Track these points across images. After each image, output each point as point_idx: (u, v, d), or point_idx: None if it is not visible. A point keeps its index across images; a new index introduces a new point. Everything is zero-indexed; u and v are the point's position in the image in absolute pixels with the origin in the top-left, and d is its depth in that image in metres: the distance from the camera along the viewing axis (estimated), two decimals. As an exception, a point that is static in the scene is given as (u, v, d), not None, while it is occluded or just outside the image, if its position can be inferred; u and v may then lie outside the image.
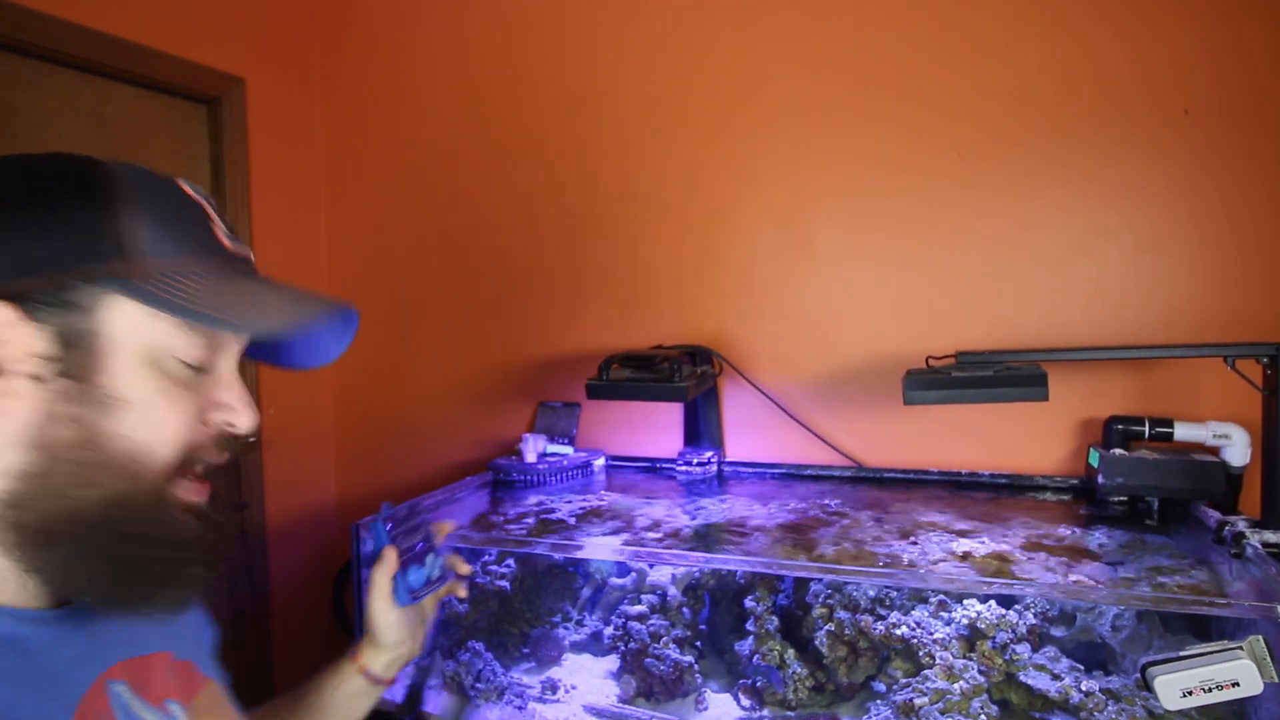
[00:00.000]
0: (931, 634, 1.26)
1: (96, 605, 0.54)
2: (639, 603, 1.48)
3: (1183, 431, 1.39)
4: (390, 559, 0.83)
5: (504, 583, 1.54)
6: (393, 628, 0.84)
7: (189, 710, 0.62)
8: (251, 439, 0.60)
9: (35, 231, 0.49)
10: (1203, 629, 1.21)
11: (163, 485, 0.54)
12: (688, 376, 1.55)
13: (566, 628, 1.58)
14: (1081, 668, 1.22)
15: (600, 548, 1.29)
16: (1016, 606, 1.28)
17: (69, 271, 0.49)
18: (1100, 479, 1.38)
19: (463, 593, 0.95)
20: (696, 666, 1.40)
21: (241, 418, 0.58)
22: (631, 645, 1.42)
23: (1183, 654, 0.93)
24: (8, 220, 0.49)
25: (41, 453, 0.50)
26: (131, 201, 0.52)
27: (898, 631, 1.27)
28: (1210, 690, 0.90)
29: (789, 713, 1.31)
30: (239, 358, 0.61)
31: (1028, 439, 1.62)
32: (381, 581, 0.83)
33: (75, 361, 0.50)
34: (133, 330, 0.52)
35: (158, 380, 0.53)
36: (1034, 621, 1.26)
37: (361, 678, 0.85)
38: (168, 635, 0.65)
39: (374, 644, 0.85)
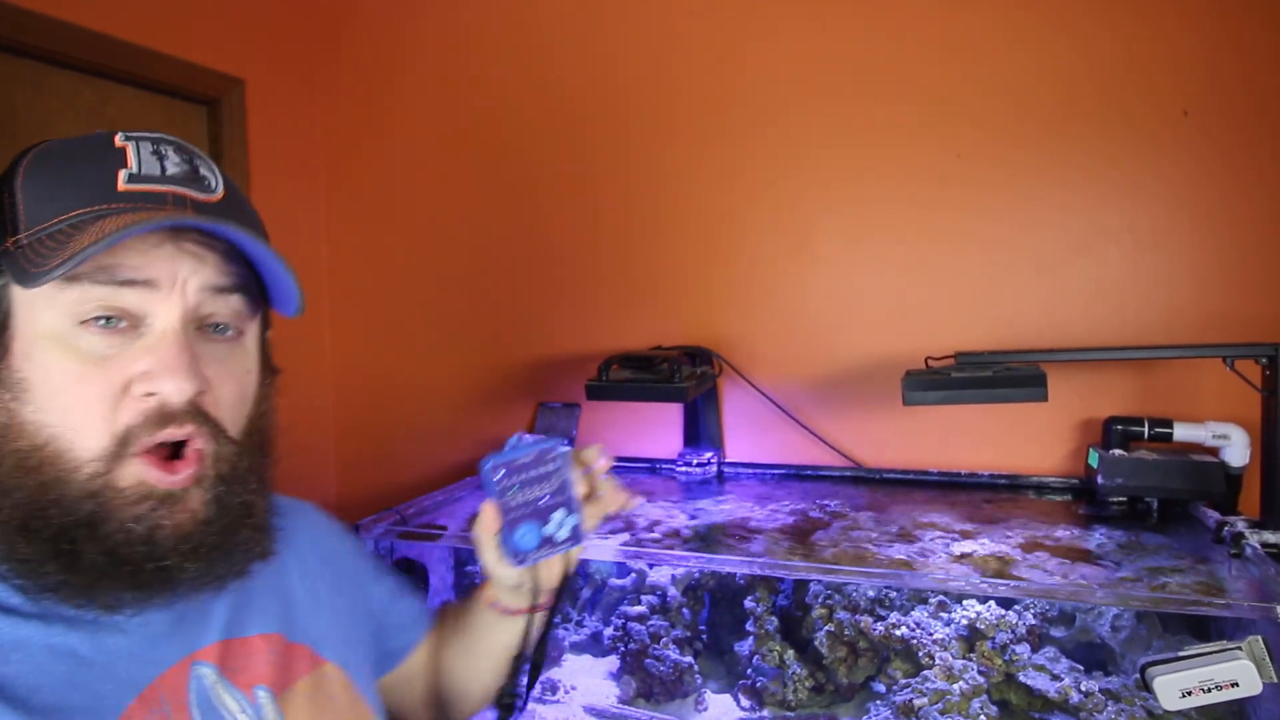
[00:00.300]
0: (931, 634, 1.26)
1: (67, 604, 0.51)
2: (639, 603, 1.48)
3: (1182, 432, 1.39)
4: (486, 517, 0.69)
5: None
6: (509, 576, 0.72)
7: (283, 697, 0.60)
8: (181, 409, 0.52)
9: None
10: (1202, 629, 1.21)
11: (101, 471, 0.50)
12: (687, 377, 1.55)
13: (566, 628, 1.58)
14: (1081, 668, 1.23)
15: (600, 548, 1.29)
16: (1016, 607, 1.28)
17: None
18: (1100, 479, 1.38)
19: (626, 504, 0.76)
20: (696, 667, 1.40)
21: (161, 383, 0.50)
22: (631, 646, 1.42)
23: (1182, 654, 0.93)
24: None
25: None
26: (29, 174, 0.51)
27: (897, 632, 1.27)
28: (1209, 690, 0.90)
29: (789, 713, 1.31)
30: (188, 315, 0.53)
31: (1027, 439, 1.62)
32: (483, 539, 0.70)
33: None
34: (30, 305, 0.50)
35: (57, 356, 0.49)
36: (1033, 622, 1.26)
37: (491, 610, 0.76)
38: (280, 616, 0.64)
39: (495, 584, 0.75)
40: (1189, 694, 0.90)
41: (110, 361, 0.50)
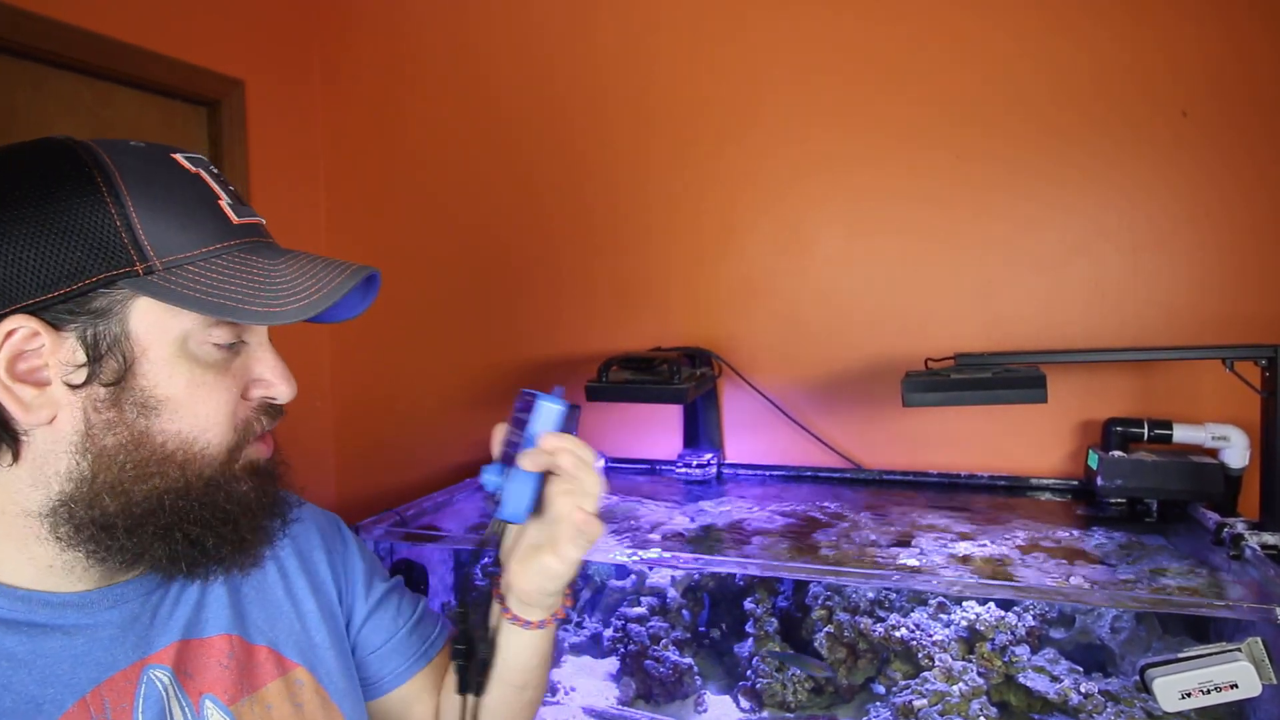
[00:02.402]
0: (931, 636, 1.26)
1: (155, 574, 0.57)
2: (638, 605, 1.48)
3: (1181, 433, 1.39)
4: (494, 438, 0.65)
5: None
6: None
7: (241, 705, 0.60)
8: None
9: (49, 242, 0.49)
10: (1201, 631, 1.21)
11: (224, 465, 0.56)
12: (687, 378, 1.55)
13: (566, 630, 1.58)
14: (1080, 669, 1.23)
15: (600, 549, 1.29)
16: (1015, 608, 1.28)
17: (89, 279, 0.49)
18: (1099, 481, 1.38)
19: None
20: (696, 669, 1.40)
21: (279, 389, 0.59)
22: (631, 647, 1.42)
23: (1181, 656, 0.93)
24: (19, 233, 0.49)
25: (91, 458, 0.51)
26: (139, 195, 0.52)
27: (897, 633, 1.27)
28: (1209, 692, 0.90)
29: (788, 714, 1.31)
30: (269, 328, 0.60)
31: (1026, 441, 1.62)
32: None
33: (108, 367, 0.51)
34: (159, 328, 0.52)
35: (191, 372, 0.53)
36: (1033, 623, 1.26)
37: (498, 609, 0.70)
38: (239, 615, 0.63)
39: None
40: (1188, 695, 0.90)
41: (228, 370, 0.56)
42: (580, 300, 1.98)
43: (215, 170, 0.58)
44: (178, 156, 0.55)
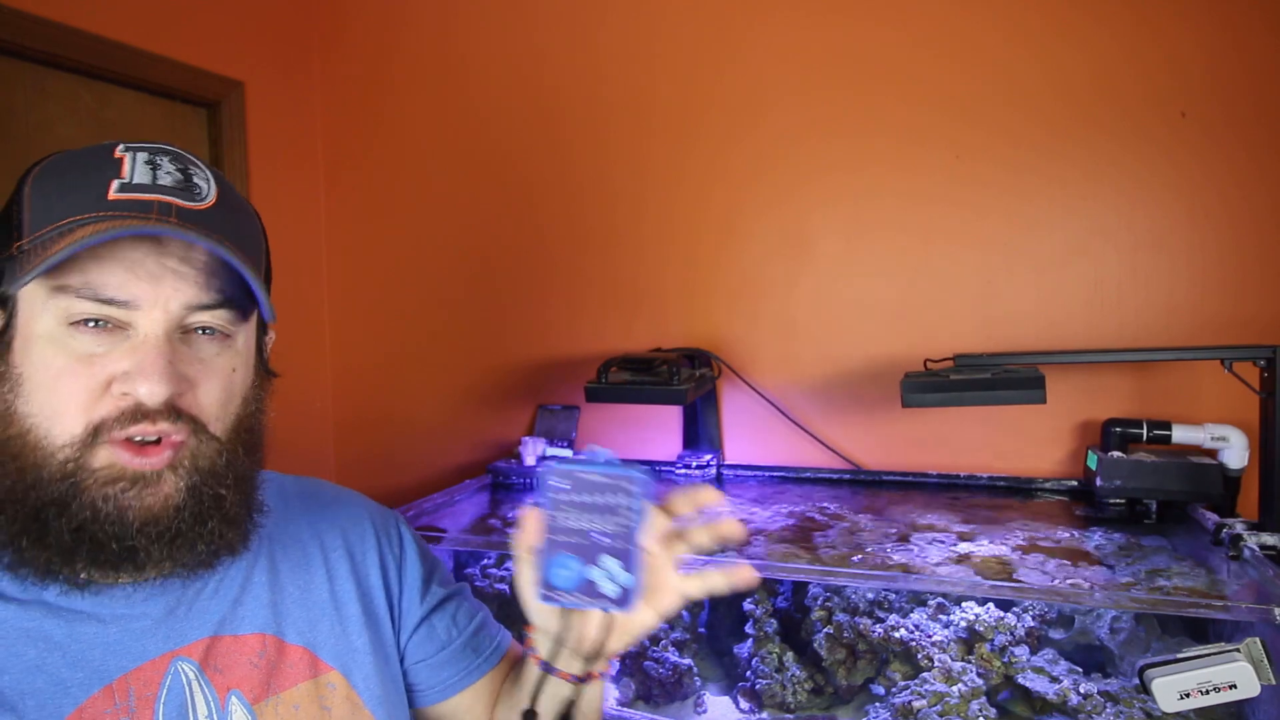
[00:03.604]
0: (930, 636, 1.26)
1: (38, 580, 0.54)
2: (638, 605, 1.48)
3: (1180, 434, 1.39)
4: (528, 528, 0.57)
5: (504, 586, 1.54)
6: (541, 612, 0.60)
7: (264, 704, 0.59)
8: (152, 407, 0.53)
9: None
10: (1200, 631, 1.21)
11: (75, 456, 0.52)
12: (686, 379, 1.55)
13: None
14: (1080, 670, 1.23)
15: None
16: (1015, 609, 1.28)
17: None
18: (1098, 481, 1.38)
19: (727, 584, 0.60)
20: (695, 669, 1.40)
21: (137, 385, 0.53)
22: (630, 648, 1.42)
23: (1180, 656, 0.93)
24: None
25: None
26: (35, 184, 0.54)
27: (896, 634, 1.27)
28: (1208, 692, 0.90)
29: (788, 715, 1.31)
30: (172, 327, 0.55)
31: (1026, 441, 1.62)
32: (520, 554, 0.58)
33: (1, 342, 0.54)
34: (30, 308, 0.53)
35: (58, 357, 0.53)
36: (1032, 624, 1.26)
37: (533, 663, 0.63)
38: (279, 615, 0.63)
39: (529, 618, 0.62)
40: (1187, 696, 0.90)
41: (97, 360, 0.53)
42: (580, 301, 1.98)
43: (170, 160, 0.57)
44: (119, 146, 0.56)
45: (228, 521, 0.58)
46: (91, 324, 0.53)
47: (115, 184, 0.54)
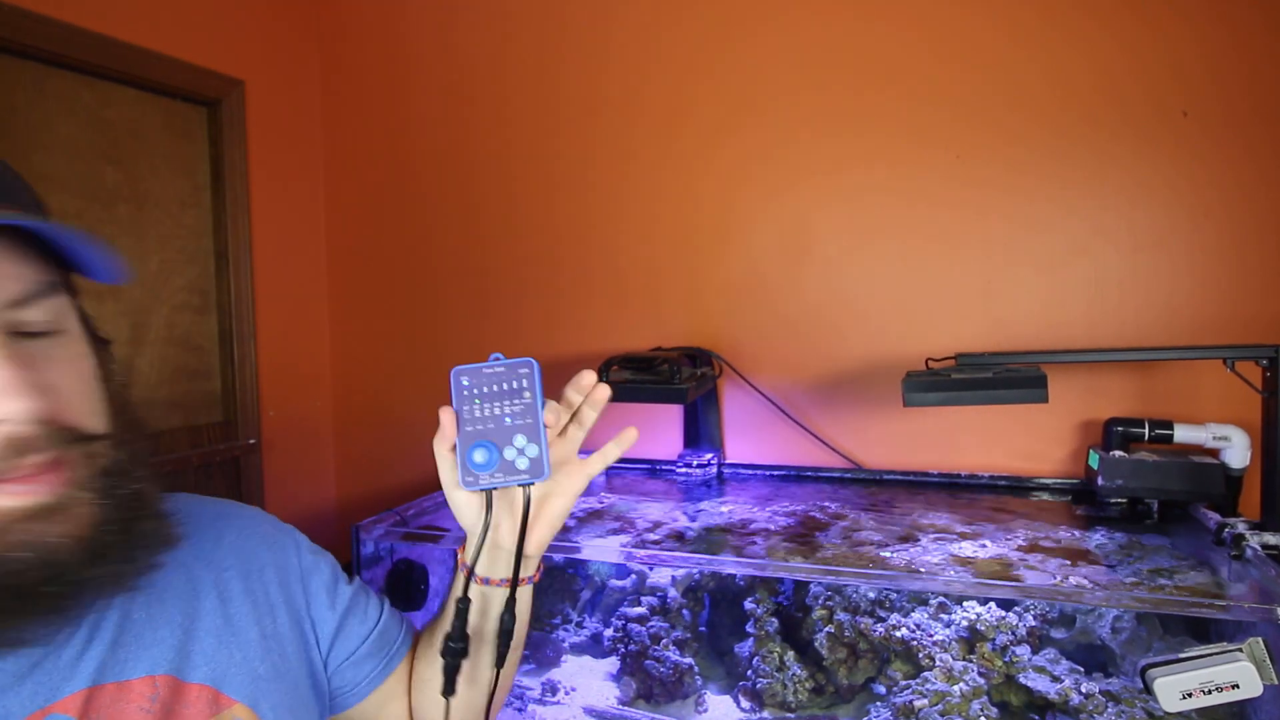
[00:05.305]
0: (931, 636, 1.26)
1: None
2: (639, 604, 1.48)
3: (1182, 433, 1.39)
4: (445, 425, 0.64)
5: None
6: (464, 509, 0.67)
7: None
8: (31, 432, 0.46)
9: None
10: (1202, 631, 1.21)
11: None
12: (687, 378, 1.55)
13: (566, 629, 1.58)
14: (1081, 669, 1.22)
15: (600, 549, 1.29)
16: (1016, 608, 1.28)
17: None
18: (1100, 481, 1.38)
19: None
20: (696, 668, 1.40)
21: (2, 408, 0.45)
22: (631, 647, 1.42)
23: (1182, 656, 0.93)
24: None
25: None
26: None
27: (897, 633, 1.27)
28: (1210, 692, 0.90)
29: (788, 714, 1.31)
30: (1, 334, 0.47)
31: (1027, 441, 1.62)
32: (441, 452, 0.65)
33: None
34: None
35: None
36: (1034, 623, 1.26)
37: (463, 573, 0.68)
38: (176, 651, 0.57)
39: (458, 514, 0.68)
40: (1189, 695, 0.90)
41: None
42: (580, 300, 1.98)
43: None
44: None
45: (157, 515, 0.54)
46: None
47: None
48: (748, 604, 1.42)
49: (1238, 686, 0.89)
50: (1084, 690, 1.16)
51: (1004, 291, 1.63)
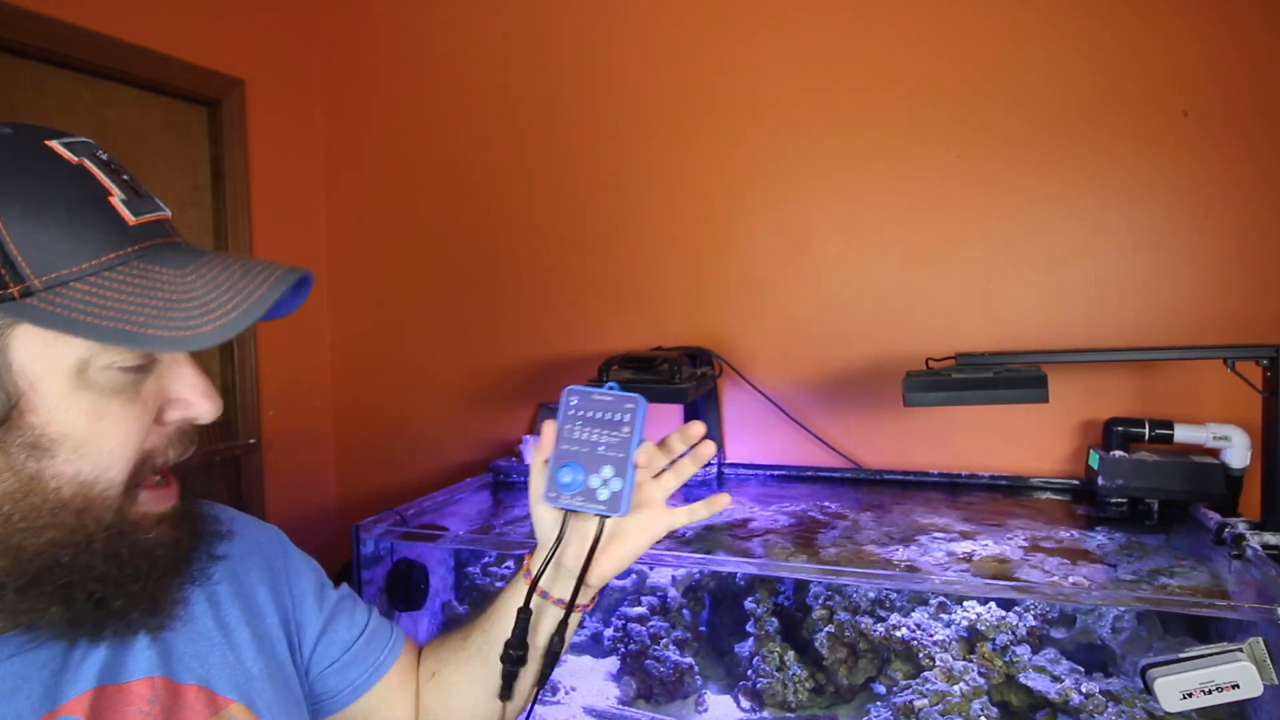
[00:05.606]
0: (931, 636, 1.26)
1: (55, 637, 0.49)
2: (639, 604, 1.48)
3: (1182, 433, 1.39)
4: (544, 438, 0.67)
5: (504, 584, 1.55)
6: (542, 522, 0.69)
7: None
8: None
9: None
10: (1202, 631, 1.21)
11: (121, 509, 0.49)
12: (687, 378, 1.55)
13: (566, 629, 1.58)
14: (1081, 669, 1.23)
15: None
16: (1016, 608, 1.28)
17: None
18: (1100, 481, 1.38)
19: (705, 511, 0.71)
20: (696, 668, 1.40)
21: (200, 409, 0.51)
22: (631, 647, 1.42)
23: (1183, 656, 0.93)
24: None
25: None
26: (8, 200, 0.44)
27: (898, 633, 1.27)
28: (1210, 692, 0.90)
29: (788, 714, 1.31)
30: None
31: (1027, 441, 1.62)
32: (535, 464, 0.68)
33: None
34: (48, 356, 0.45)
35: (93, 403, 0.47)
36: (1034, 623, 1.26)
37: (525, 580, 0.71)
38: (166, 654, 0.57)
39: (536, 530, 0.71)
40: (1190, 695, 0.90)
41: (137, 394, 0.49)
42: (581, 300, 1.98)
43: (104, 156, 0.50)
44: (55, 144, 0.47)
45: (207, 519, 0.58)
46: (119, 361, 0.48)
47: (119, 199, 0.48)
48: (748, 604, 1.42)
49: (1238, 686, 0.89)
50: (1084, 690, 1.16)
51: (1004, 291, 1.63)
